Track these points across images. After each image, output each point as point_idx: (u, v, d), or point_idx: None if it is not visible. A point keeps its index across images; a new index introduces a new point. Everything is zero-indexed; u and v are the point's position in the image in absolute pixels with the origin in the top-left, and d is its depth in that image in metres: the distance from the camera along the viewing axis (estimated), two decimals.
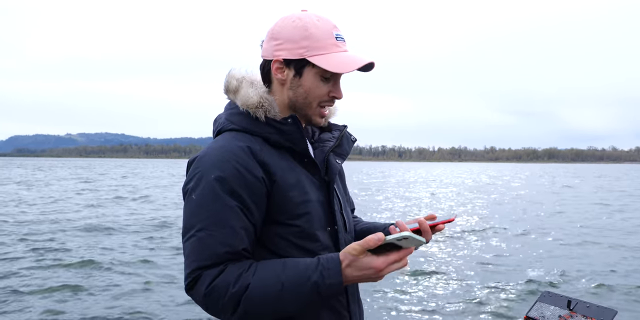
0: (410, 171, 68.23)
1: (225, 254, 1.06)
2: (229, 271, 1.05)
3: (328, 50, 1.18)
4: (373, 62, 1.20)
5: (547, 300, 1.00)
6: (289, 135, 1.20)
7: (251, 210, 1.11)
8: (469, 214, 14.49)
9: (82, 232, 10.19)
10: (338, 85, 1.24)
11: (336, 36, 1.19)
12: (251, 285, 1.03)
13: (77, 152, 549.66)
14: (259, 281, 1.03)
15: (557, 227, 11.60)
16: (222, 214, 1.08)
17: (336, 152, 1.33)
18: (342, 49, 1.20)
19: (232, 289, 1.03)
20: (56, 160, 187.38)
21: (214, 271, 1.05)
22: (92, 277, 6.43)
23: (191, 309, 5.12)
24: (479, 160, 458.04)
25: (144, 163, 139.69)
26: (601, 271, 7.06)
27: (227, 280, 1.04)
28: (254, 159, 1.13)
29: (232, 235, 1.08)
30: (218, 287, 1.04)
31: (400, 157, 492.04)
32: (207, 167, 1.12)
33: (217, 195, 1.09)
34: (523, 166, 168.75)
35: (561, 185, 31.04)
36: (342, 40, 1.21)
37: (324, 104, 1.24)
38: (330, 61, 1.16)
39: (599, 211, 15.51)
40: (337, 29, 1.21)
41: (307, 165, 1.24)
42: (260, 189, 1.13)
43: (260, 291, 1.03)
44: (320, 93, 1.21)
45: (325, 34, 1.18)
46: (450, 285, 6.27)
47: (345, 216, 1.35)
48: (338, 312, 1.25)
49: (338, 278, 1.02)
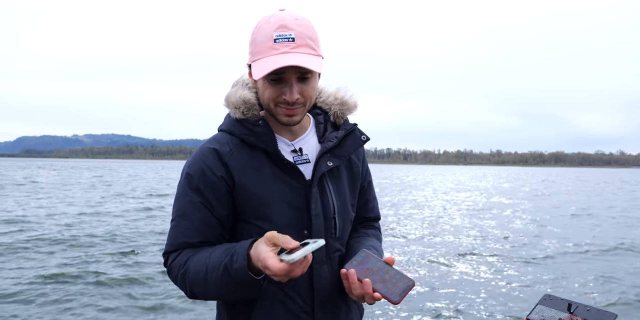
0: (433, 176, 67.80)
1: (183, 243, 1.22)
2: (183, 255, 1.21)
3: (264, 54, 1.15)
4: (298, 66, 1.13)
5: (548, 303, 0.99)
6: (260, 136, 1.24)
7: (213, 205, 1.22)
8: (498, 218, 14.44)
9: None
10: (290, 87, 1.17)
11: (276, 38, 1.14)
12: (189, 268, 1.17)
13: (84, 153, 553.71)
14: (193, 265, 1.16)
15: (568, 232, 11.54)
16: (186, 208, 1.22)
17: (335, 153, 1.30)
18: (279, 51, 1.14)
19: (181, 270, 1.18)
20: (86, 162, 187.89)
21: (174, 255, 1.23)
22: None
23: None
24: (485, 163, 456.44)
25: (153, 164, 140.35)
26: (604, 275, 7.02)
27: (179, 263, 1.20)
28: (219, 160, 1.23)
29: (190, 227, 1.21)
30: (172, 268, 1.22)
31: (406, 159, 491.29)
32: (186, 165, 1.28)
33: (186, 191, 1.24)
34: (532, 170, 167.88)
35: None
36: (284, 41, 1.14)
37: (280, 105, 1.21)
38: (259, 66, 1.15)
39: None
40: (284, 29, 1.14)
41: (286, 167, 1.24)
42: (221, 187, 1.22)
43: (193, 273, 1.15)
44: (270, 96, 1.20)
45: (264, 37, 1.16)
46: (451, 287, 6.26)
47: (338, 221, 1.30)
48: (295, 315, 1.24)
49: (242, 262, 1.07)
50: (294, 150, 1.31)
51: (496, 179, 54.00)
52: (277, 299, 1.23)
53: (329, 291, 1.28)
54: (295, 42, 1.15)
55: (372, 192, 1.51)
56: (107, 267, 7.04)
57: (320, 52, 1.21)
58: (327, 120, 1.39)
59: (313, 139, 1.35)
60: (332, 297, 1.29)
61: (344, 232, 1.34)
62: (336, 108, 1.37)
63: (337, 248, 1.31)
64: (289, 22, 1.16)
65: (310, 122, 1.38)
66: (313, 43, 1.18)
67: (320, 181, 1.29)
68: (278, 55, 1.13)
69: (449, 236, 10.60)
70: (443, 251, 8.78)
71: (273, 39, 1.15)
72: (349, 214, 1.36)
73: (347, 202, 1.35)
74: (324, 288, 1.27)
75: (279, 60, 1.12)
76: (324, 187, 1.29)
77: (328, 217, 1.29)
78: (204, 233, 1.21)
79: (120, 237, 9.52)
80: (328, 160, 1.29)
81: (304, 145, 1.33)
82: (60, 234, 9.63)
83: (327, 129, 1.37)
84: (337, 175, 1.34)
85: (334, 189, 1.31)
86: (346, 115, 1.38)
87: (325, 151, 1.29)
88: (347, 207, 1.35)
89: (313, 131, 1.36)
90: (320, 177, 1.29)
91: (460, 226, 12.33)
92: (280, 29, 1.15)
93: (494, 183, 41.10)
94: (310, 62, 1.15)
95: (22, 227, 10.64)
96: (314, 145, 1.34)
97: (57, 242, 8.81)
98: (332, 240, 1.30)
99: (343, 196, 1.34)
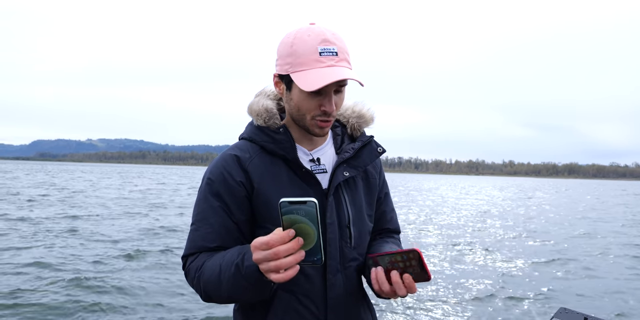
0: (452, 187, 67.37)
1: (201, 247, 1.24)
2: (200, 258, 1.23)
3: (309, 66, 1.19)
4: (344, 80, 1.18)
5: (564, 316, 0.98)
6: (280, 144, 1.28)
7: (232, 210, 1.25)
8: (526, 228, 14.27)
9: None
10: (330, 99, 1.22)
11: (321, 51, 1.18)
12: (205, 270, 1.18)
13: (97, 158, 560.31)
14: (208, 266, 1.18)
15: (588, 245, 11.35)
16: (206, 213, 1.25)
17: (351, 164, 1.33)
18: (326, 64, 1.18)
19: (197, 273, 1.20)
20: (98, 166, 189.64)
21: (192, 258, 1.25)
22: None
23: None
24: (496, 174, 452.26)
25: (164, 170, 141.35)
26: (619, 289, 6.88)
27: (196, 265, 1.21)
28: (239, 166, 1.27)
29: (209, 231, 1.24)
30: (189, 271, 1.24)
31: (417, 169, 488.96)
32: (207, 171, 1.31)
33: (206, 195, 1.27)
34: (550, 181, 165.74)
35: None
36: (328, 55, 1.19)
37: (316, 117, 1.25)
38: (307, 78, 1.18)
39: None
40: (327, 43, 1.19)
41: (304, 175, 1.27)
42: (240, 192, 1.25)
43: (208, 275, 1.16)
44: (309, 107, 1.23)
45: (308, 50, 1.19)
46: (465, 299, 6.18)
47: (353, 231, 1.31)
48: (304, 318, 1.24)
49: (251, 260, 1.05)
50: (312, 159, 1.34)
51: (530, 190, 53.36)
52: (291, 306, 1.24)
53: (344, 300, 1.29)
54: (338, 57, 1.20)
55: (390, 204, 1.52)
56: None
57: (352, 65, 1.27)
58: (345, 133, 1.42)
59: (331, 150, 1.38)
60: (347, 306, 1.29)
61: (361, 242, 1.34)
62: (353, 120, 1.41)
63: (354, 257, 1.31)
64: (330, 37, 1.20)
65: (329, 133, 1.42)
66: (349, 57, 1.24)
67: (337, 191, 1.31)
68: (326, 68, 1.18)
69: (474, 244, 10.50)
70: (461, 259, 8.70)
71: (318, 52, 1.18)
72: (366, 224, 1.37)
73: (363, 213, 1.36)
74: (338, 297, 1.27)
75: (333, 74, 1.16)
76: (340, 196, 1.31)
77: (342, 226, 1.30)
78: (222, 237, 1.23)
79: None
80: (344, 171, 1.31)
81: (322, 156, 1.36)
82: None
83: (344, 140, 1.40)
84: (353, 186, 1.35)
85: (350, 199, 1.33)
86: (363, 127, 1.42)
87: (342, 161, 1.32)
88: (363, 218, 1.36)
89: (331, 143, 1.40)
90: (337, 187, 1.31)
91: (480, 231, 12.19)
92: (324, 43, 1.19)
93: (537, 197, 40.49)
94: (356, 77, 1.20)
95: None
96: (331, 156, 1.37)
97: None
98: (348, 249, 1.30)
99: (359, 206, 1.35)
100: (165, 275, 7.02)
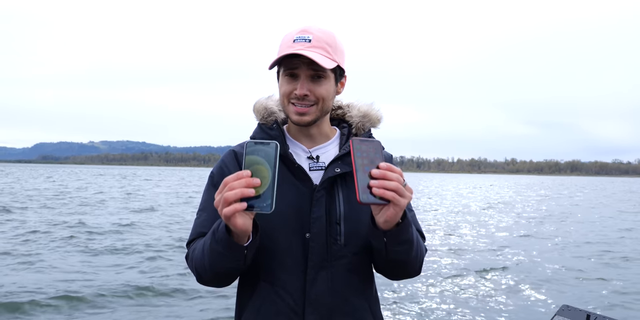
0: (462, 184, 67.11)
1: (199, 233, 1.33)
2: (197, 242, 1.30)
3: (281, 52, 1.27)
4: (294, 54, 1.22)
5: (566, 313, 0.97)
6: (274, 139, 1.32)
7: None
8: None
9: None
10: (302, 83, 1.28)
11: (295, 39, 1.27)
12: (195, 248, 1.27)
13: (100, 160, 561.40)
14: (198, 244, 1.26)
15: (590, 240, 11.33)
16: (207, 203, 1.36)
17: (345, 161, 1.33)
18: (295, 48, 1.24)
19: (192, 255, 1.29)
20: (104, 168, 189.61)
21: (193, 244, 1.33)
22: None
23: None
24: (499, 172, 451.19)
25: (167, 171, 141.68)
26: (624, 287, 6.86)
27: (192, 248, 1.31)
28: (235, 159, 1.39)
29: (208, 219, 1.31)
30: (188, 255, 1.33)
31: (419, 167, 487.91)
32: (214, 165, 1.45)
33: (208, 187, 1.39)
34: (550, 178, 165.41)
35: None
36: (301, 41, 1.26)
37: (292, 102, 1.31)
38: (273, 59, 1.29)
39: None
40: (304, 32, 1.27)
41: (295, 171, 1.32)
42: None
43: (197, 251, 1.25)
44: (284, 91, 1.31)
45: (288, 40, 1.28)
46: (467, 296, 6.19)
47: (344, 228, 1.29)
48: (285, 315, 1.25)
49: (223, 225, 1.11)
50: (310, 157, 1.37)
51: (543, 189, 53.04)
52: (269, 297, 1.28)
53: (328, 297, 1.27)
54: (311, 43, 1.26)
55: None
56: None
57: (335, 58, 1.29)
58: (350, 132, 1.45)
59: (334, 149, 1.40)
60: (332, 304, 1.27)
61: (355, 240, 1.30)
62: (357, 120, 1.44)
63: (343, 255, 1.29)
64: (311, 28, 1.29)
65: (336, 133, 1.45)
66: (329, 48, 1.28)
67: (331, 187, 1.31)
68: (291, 50, 1.24)
69: (476, 242, 10.48)
70: (460, 257, 8.70)
71: (293, 40, 1.27)
72: (363, 222, 1.29)
73: (360, 211, 1.30)
74: (320, 293, 1.26)
75: (284, 53, 1.24)
76: (333, 192, 1.31)
77: (332, 222, 1.29)
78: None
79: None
80: (336, 167, 1.32)
81: (322, 154, 1.38)
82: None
83: (348, 139, 1.42)
84: (351, 183, 1.33)
85: (344, 195, 1.32)
86: (367, 127, 1.43)
87: (336, 158, 1.33)
88: (360, 215, 1.30)
89: (336, 142, 1.42)
90: (332, 183, 1.31)
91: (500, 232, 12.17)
92: (301, 33, 1.28)
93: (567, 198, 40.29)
94: (317, 57, 1.23)
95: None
96: (333, 154, 1.38)
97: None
98: (337, 246, 1.29)
99: (355, 204, 1.31)
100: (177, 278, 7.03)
